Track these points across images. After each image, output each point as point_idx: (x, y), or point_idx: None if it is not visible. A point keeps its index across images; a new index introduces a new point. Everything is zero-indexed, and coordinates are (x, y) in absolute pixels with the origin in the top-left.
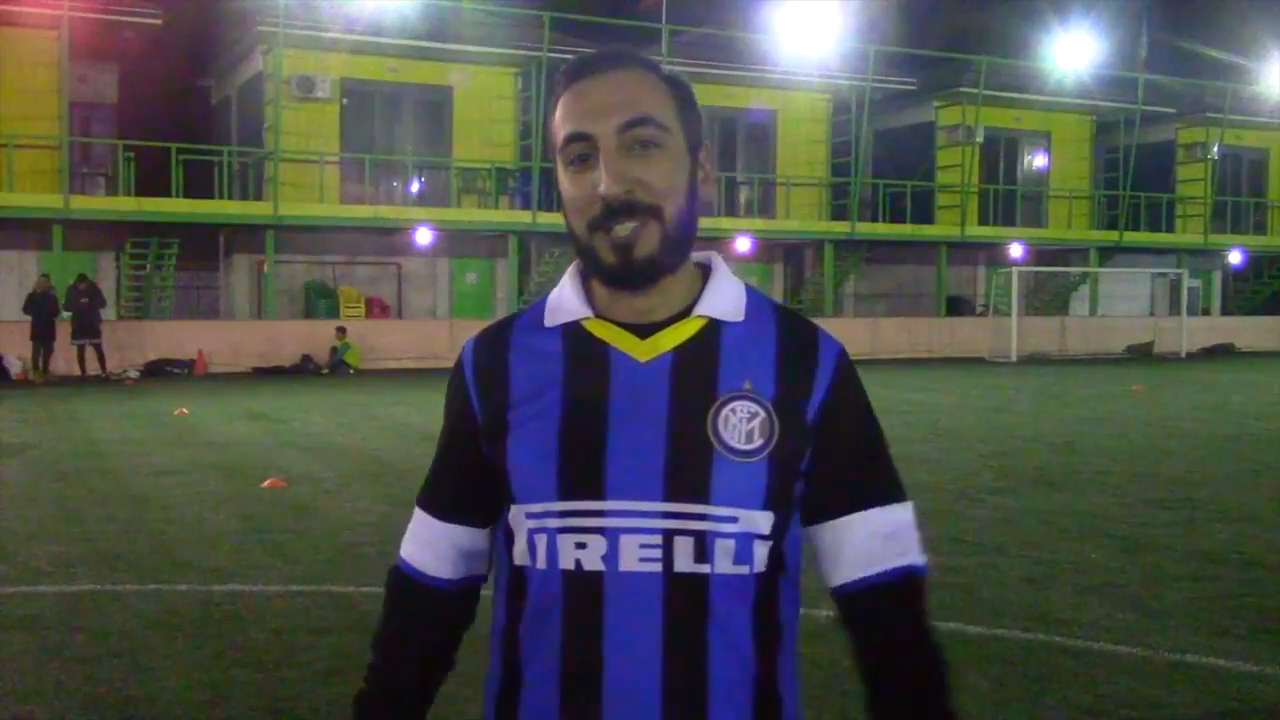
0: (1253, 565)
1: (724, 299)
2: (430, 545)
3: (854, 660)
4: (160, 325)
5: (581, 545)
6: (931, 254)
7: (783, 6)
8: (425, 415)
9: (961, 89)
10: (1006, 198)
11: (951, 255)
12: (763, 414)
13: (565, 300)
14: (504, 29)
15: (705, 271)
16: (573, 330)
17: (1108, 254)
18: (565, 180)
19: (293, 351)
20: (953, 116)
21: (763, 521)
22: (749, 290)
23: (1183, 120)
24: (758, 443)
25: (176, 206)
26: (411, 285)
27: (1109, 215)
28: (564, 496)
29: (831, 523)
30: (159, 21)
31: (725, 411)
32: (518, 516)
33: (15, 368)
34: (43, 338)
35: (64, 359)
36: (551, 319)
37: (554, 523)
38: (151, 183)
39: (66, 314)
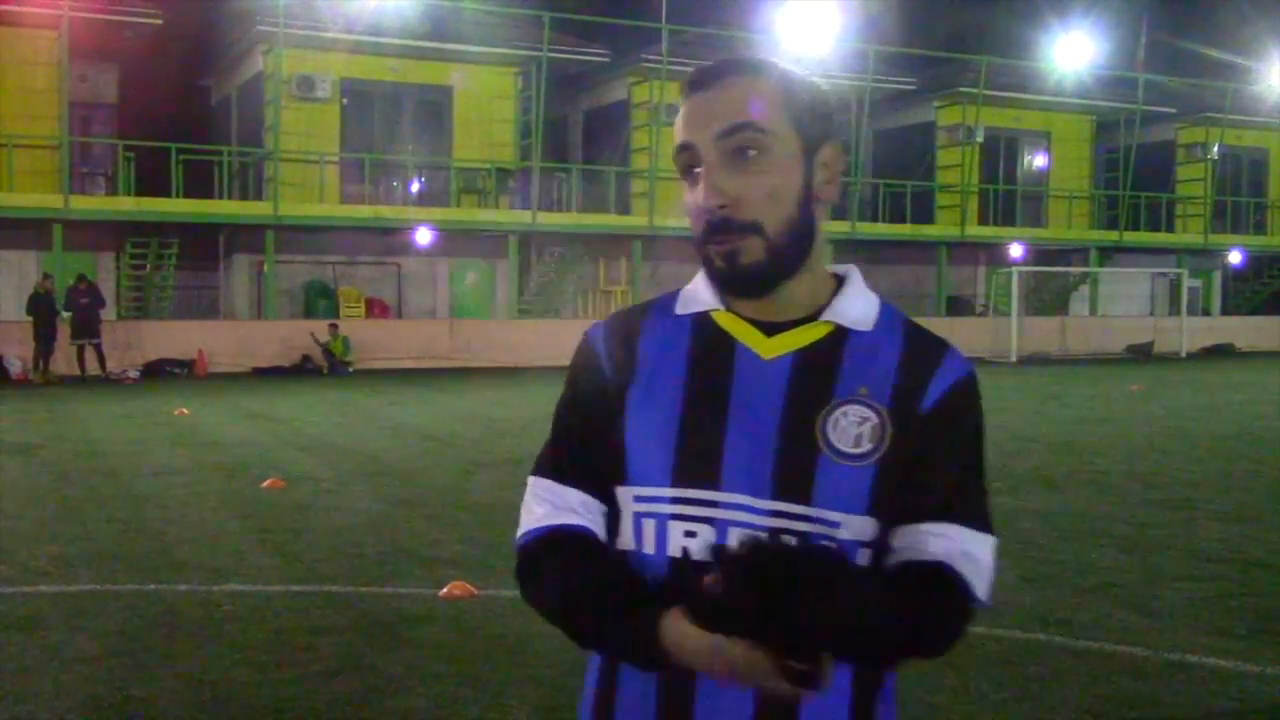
0: (1253, 565)
1: (854, 308)
2: (561, 506)
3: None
4: (160, 325)
5: (690, 534)
6: (931, 254)
7: (783, 6)
8: (425, 415)
9: (961, 89)
10: (1006, 198)
11: (951, 255)
12: (874, 419)
13: (699, 291)
14: (504, 29)
15: (840, 281)
16: (702, 320)
17: (1108, 254)
18: (685, 190)
19: (293, 351)
20: (953, 116)
21: (866, 528)
22: (885, 305)
23: (1183, 120)
24: (866, 447)
25: (176, 206)
26: (411, 285)
27: (1109, 215)
28: (677, 483)
29: (911, 527)
30: (159, 21)
31: (836, 414)
32: (625, 498)
33: (15, 368)
34: (43, 338)
35: (64, 359)
36: (683, 307)
37: (665, 508)
38: (151, 183)
39: (66, 314)
